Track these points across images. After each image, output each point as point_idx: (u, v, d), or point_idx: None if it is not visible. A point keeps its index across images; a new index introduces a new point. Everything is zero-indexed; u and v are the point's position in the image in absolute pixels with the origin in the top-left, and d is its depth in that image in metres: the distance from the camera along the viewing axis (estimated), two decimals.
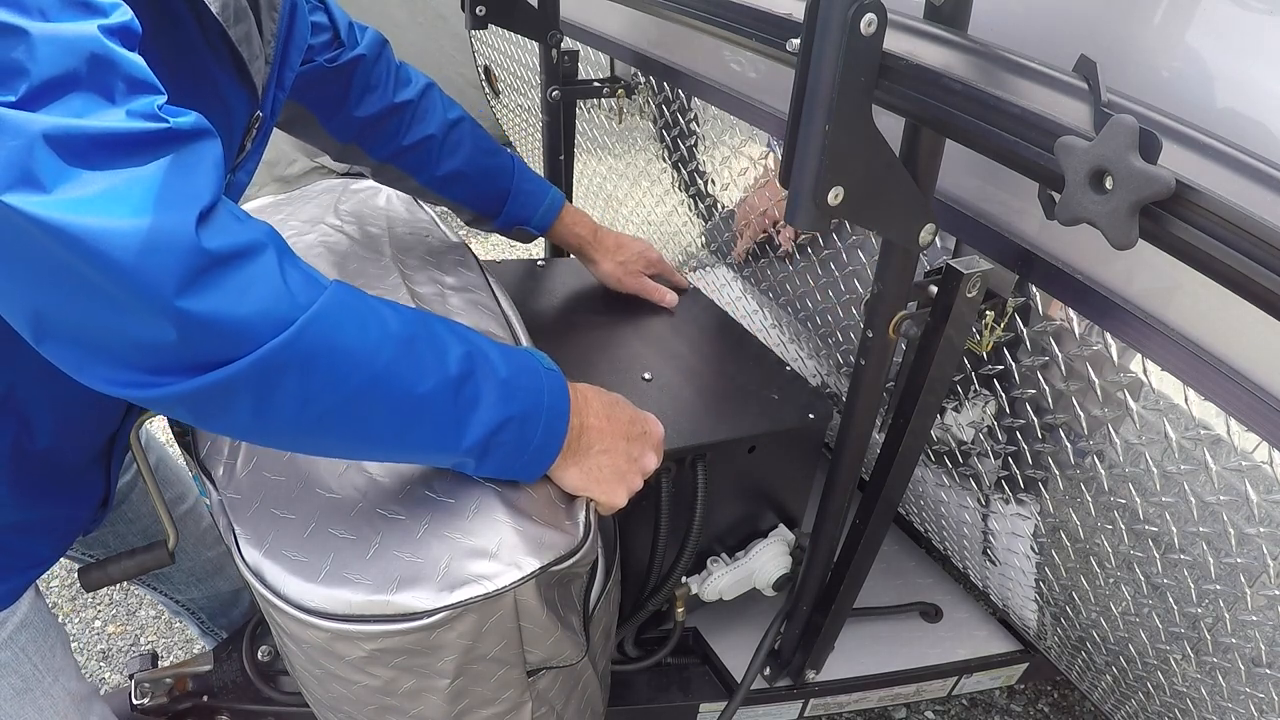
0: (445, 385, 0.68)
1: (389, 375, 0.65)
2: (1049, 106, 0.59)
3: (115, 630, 2.10)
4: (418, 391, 0.66)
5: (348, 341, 0.63)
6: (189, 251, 0.55)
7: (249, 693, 1.24)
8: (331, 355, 0.62)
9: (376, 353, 0.64)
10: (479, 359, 0.71)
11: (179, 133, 0.57)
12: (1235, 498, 0.76)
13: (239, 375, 0.58)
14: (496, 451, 0.75)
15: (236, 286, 0.57)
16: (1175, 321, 0.76)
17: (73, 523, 1.01)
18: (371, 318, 0.65)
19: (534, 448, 0.78)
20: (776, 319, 1.45)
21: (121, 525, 1.22)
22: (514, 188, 1.25)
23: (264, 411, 0.62)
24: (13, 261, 0.53)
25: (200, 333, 0.57)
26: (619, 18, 1.55)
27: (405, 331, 0.67)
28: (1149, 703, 1.05)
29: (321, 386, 0.62)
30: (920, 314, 0.88)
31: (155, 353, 0.57)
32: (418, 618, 0.75)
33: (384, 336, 0.65)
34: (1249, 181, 0.51)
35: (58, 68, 0.52)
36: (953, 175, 0.87)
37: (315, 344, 0.61)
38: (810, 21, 0.61)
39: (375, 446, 0.71)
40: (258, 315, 0.58)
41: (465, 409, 0.70)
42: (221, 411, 0.62)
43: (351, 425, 0.66)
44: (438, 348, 0.69)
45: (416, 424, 0.69)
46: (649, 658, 1.34)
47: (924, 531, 1.41)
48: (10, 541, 0.91)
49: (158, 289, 0.54)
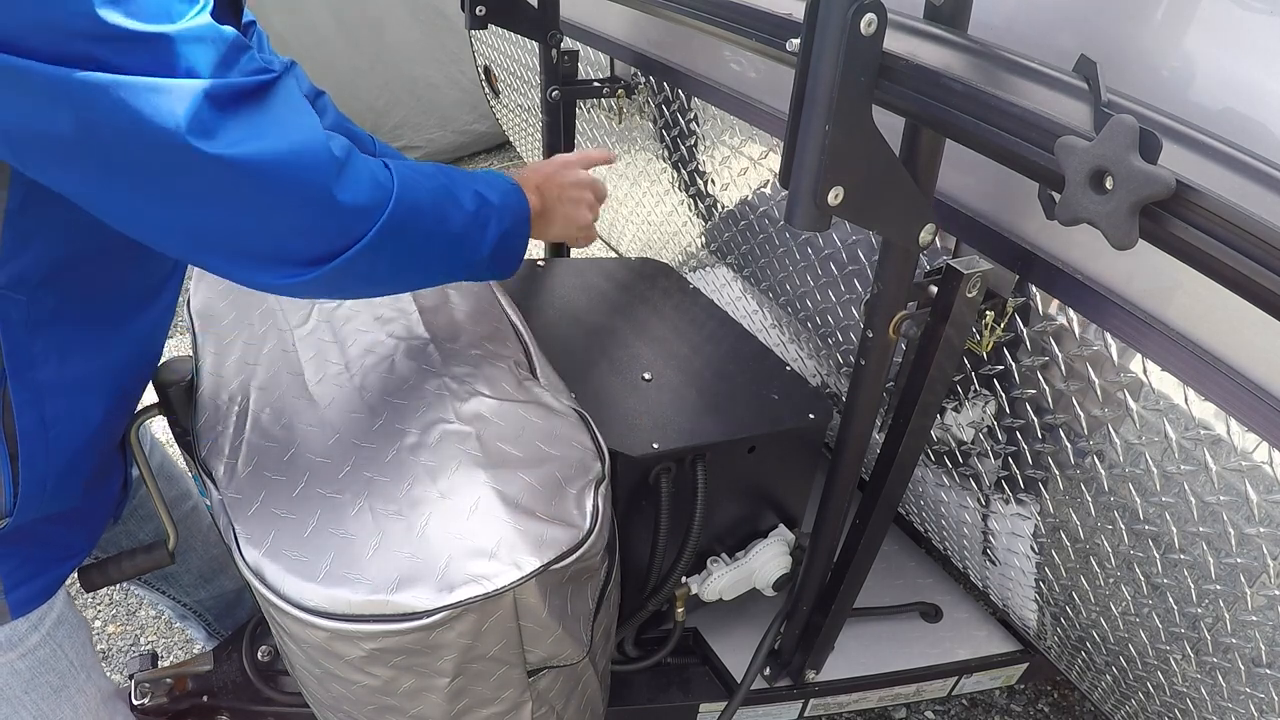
0: (468, 219, 0.89)
1: (441, 217, 0.86)
2: (1049, 106, 0.59)
3: (115, 630, 2.10)
4: (453, 229, 0.88)
5: (417, 199, 0.81)
6: (329, 161, 0.72)
7: (249, 693, 1.24)
8: (413, 214, 0.81)
9: (434, 206, 0.84)
10: (481, 193, 0.92)
11: (279, 76, 0.72)
12: (1235, 498, 0.76)
13: (372, 243, 0.76)
14: (499, 258, 0.95)
15: (355, 179, 0.75)
16: (1175, 321, 0.76)
17: (103, 511, 1.03)
18: (420, 181, 0.83)
19: (515, 247, 0.97)
20: (776, 319, 1.45)
21: (133, 523, 1.23)
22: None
23: (391, 265, 0.81)
24: (178, 193, 0.67)
25: (349, 217, 0.75)
26: (619, 18, 1.55)
27: (440, 184, 0.86)
28: (1149, 703, 1.05)
29: (414, 234, 0.82)
30: (920, 314, 0.88)
31: (314, 243, 0.74)
32: (417, 617, 0.75)
33: (432, 192, 0.84)
34: (1249, 181, 0.51)
35: (195, 51, 0.65)
36: (953, 175, 0.87)
37: (403, 209, 0.79)
38: (810, 21, 0.61)
39: (430, 276, 0.92)
40: (371, 199, 0.76)
41: (480, 231, 0.91)
42: (362, 277, 0.80)
43: (431, 259, 0.88)
44: (456, 190, 0.88)
45: (455, 250, 0.90)
46: (649, 658, 1.34)
47: (924, 531, 1.41)
48: (51, 533, 0.93)
49: (321, 191, 0.72)
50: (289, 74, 0.74)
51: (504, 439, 0.91)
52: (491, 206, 0.92)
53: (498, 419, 0.93)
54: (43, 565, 0.93)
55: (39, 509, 0.88)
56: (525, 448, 0.91)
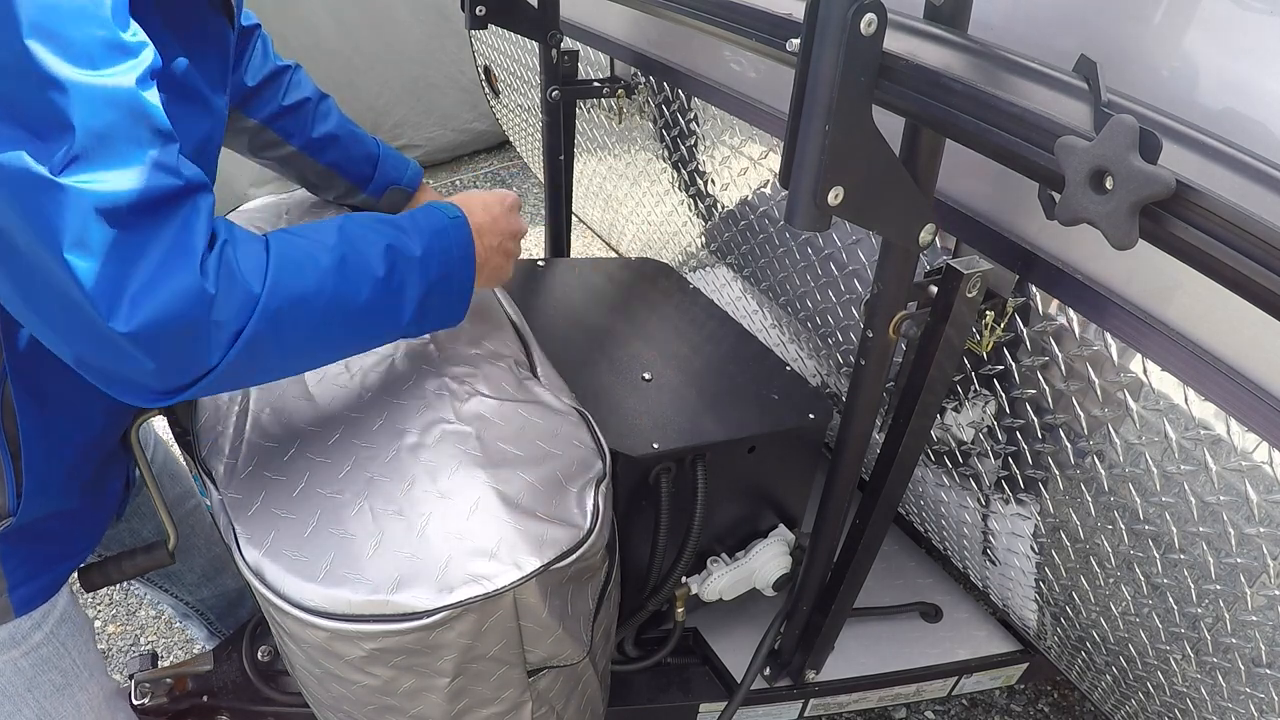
0: (378, 285, 0.79)
1: (335, 301, 0.76)
2: (1049, 106, 0.59)
3: (115, 630, 2.10)
4: (359, 302, 0.78)
5: (296, 292, 0.73)
6: (200, 304, 0.65)
7: (249, 693, 1.24)
8: (289, 311, 0.72)
9: (320, 291, 0.75)
10: (397, 248, 0.81)
11: (192, 186, 0.66)
12: (1235, 498, 0.76)
13: (232, 362, 0.69)
14: (429, 314, 0.86)
15: (226, 301, 0.67)
16: (1175, 321, 0.76)
17: (106, 509, 1.03)
18: (306, 263, 0.75)
19: (455, 296, 0.88)
20: (776, 319, 1.45)
21: (136, 521, 1.23)
22: (382, 151, 1.28)
23: (255, 372, 0.74)
24: (54, 310, 0.63)
25: (216, 338, 0.68)
26: (619, 18, 1.55)
27: (335, 257, 0.76)
28: (1149, 703, 1.05)
29: (289, 336, 0.74)
30: (920, 314, 0.88)
31: (174, 378, 0.68)
32: (417, 617, 0.75)
33: (322, 273, 0.75)
34: (1249, 181, 0.51)
35: (100, 121, 0.59)
36: (953, 175, 0.87)
37: (275, 310, 0.71)
38: (810, 21, 0.61)
39: (341, 351, 0.83)
40: (233, 316, 0.68)
41: (396, 294, 0.81)
42: (233, 384, 0.73)
43: (319, 348, 0.79)
44: (363, 255, 0.78)
45: (364, 324, 0.81)
46: (649, 658, 1.34)
47: (924, 531, 1.41)
48: (54, 531, 0.93)
49: (191, 339, 0.66)
50: (204, 187, 0.68)
51: (504, 438, 0.91)
52: (411, 262, 0.82)
53: (498, 418, 0.93)
54: (45, 563, 0.93)
55: (41, 508, 0.88)
56: (526, 447, 0.91)
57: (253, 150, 1.23)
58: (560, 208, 1.82)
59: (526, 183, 4.25)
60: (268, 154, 1.23)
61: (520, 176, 4.32)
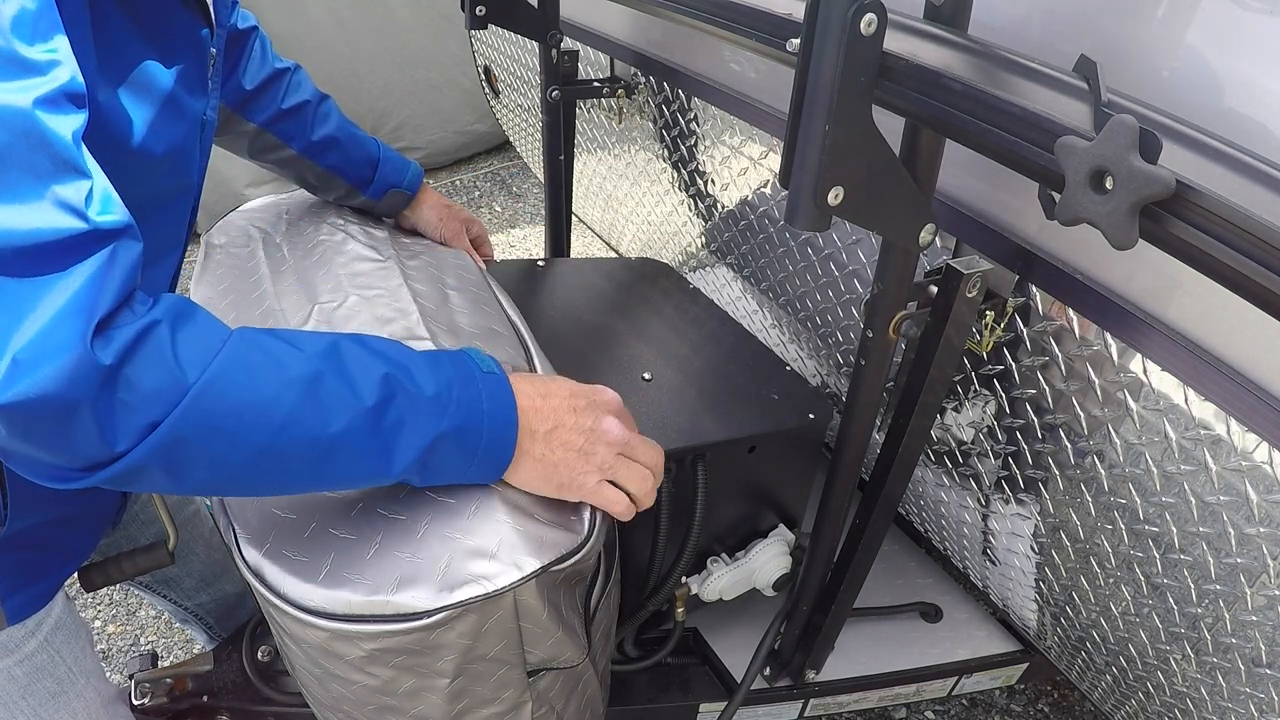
0: (361, 417, 0.66)
1: (293, 423, 0.64)
2: (1049, 106, 0.59)
3: (115, 630, 2.10)
4: (330, 431, 0.65)
5: (243, 399, 0.62)
6: (90, 376, 0.55)
7: (249, 693, 1.24)
8: (228, 418, 0.61)
9: (275, 404, 0.63)
10: (400, 380, 0.69)
11: (102, 232, 0.56)
12: (1235, 498, 0.76)
13: (143, 458, 0.59)
14: (439, 466, 0.74)
15: (137, 377, 0.57)
16: (1175, 321, 0.76)
17: (101, 516, 1.02)
18: (267, 368, 0.64)
19: (481, 456, 0.76)
20: (776, 319, 1.45)
21: (134, 529, 1.23)
22: (382, 154, 1.27)
23: (178, 478, 0.62)
24: None
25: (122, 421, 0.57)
26: (619, 18, 1.55)
27: (308, 370, 0.65)
28: (1149, 703, 1.05)
29: (225, 448, 0.62)
30: (920, 314, 0.88)
31: (71, 458, 0.58)
32: (417, 618, 0.75)
33: (283, 384, 0.64)
34: (1249, 181, 0.51)
35: None
36: (953, 175, 0.87)
37: (209, 411, 0.60)
38: (810, 21, 0.61)
39: (297, 487, 0.71)
40: (146, 401, 0.58)
41: (389, 435, 0.68)
42: (139, 484, 0.62)
43: (266, 475, 0.66)
44: (349, 379, 0.67)
45: (334, 461, 0.67)
46: (649, 658, 1.34)
47: (924, 531, 1.41)
48: (47, 538, 0.92)
49: (76, 411, 0.55)
50: (123, 233, 0.58)
51: None
52: (419, 401, 0.69)
53: None
54: (39, 571, 0.92)
55: (31, 516, 0.87)
56: None
57: (252, 154, 1.22)
58: (560, 208, 1.83)
59: (526, 183, 4.26)
60: (267, 157, 1.23)
61: (520, 176, 4.32)
